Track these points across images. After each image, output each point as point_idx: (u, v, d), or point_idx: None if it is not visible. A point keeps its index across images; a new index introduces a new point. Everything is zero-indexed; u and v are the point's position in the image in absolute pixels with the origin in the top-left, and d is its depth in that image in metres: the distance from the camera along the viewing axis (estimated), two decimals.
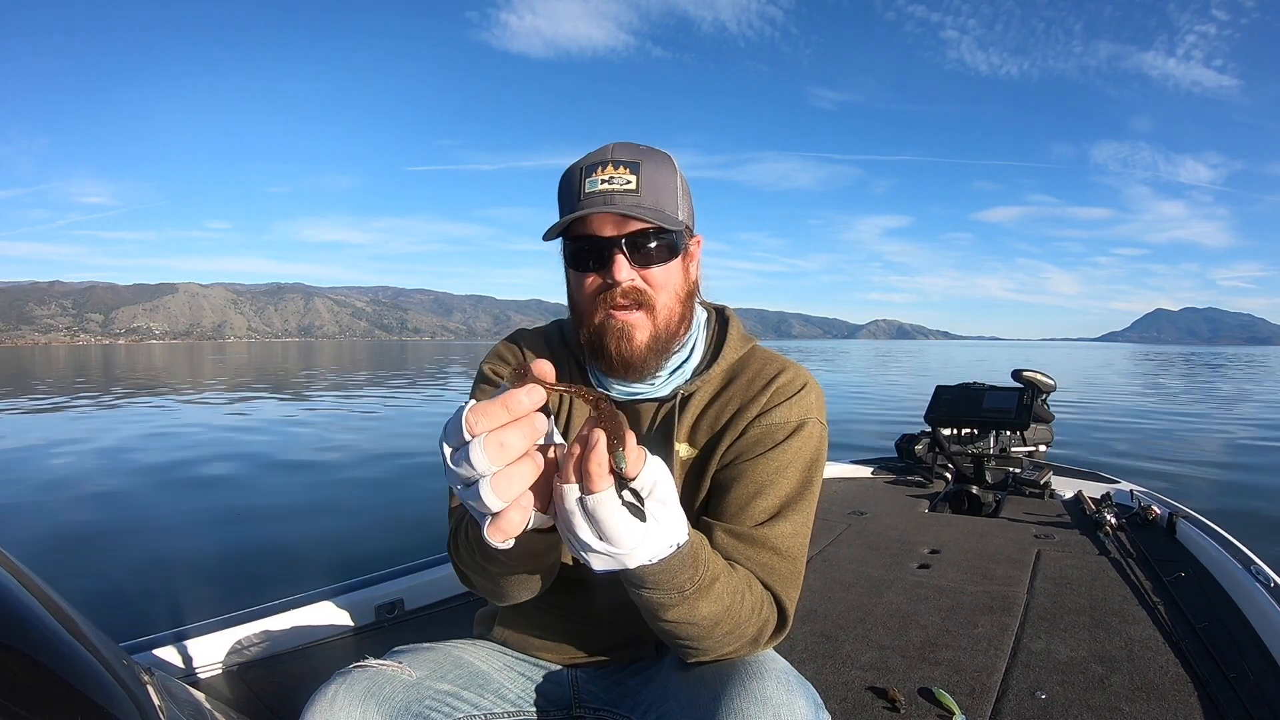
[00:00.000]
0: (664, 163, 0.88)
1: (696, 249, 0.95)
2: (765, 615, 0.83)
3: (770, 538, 0.86)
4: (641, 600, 0.72)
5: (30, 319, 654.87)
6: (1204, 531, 2.43)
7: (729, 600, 0.77)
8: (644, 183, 0.85)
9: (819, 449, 0.94)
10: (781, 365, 0.98)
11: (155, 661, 1.50)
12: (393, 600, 1.91)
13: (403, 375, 26.18)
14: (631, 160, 0.86)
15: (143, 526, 4.97)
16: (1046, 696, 1.49)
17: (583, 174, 0.86)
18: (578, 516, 0.58)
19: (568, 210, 0.87)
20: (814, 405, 0.95)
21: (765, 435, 0.91)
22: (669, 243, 0.87)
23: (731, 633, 0.79)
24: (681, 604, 0.72)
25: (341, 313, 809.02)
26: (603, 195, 0.84)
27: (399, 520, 5.03)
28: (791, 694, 0.75)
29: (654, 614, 0.74)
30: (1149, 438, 9.64)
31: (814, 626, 1.88)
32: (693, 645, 0.80)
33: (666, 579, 0.68)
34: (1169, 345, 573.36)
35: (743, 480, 0.89)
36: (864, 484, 3.74)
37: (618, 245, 0.85)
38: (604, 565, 0.62)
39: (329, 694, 0.79)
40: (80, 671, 0.70)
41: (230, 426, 10.61)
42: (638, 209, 0.83)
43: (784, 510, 0.88)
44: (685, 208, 0.91)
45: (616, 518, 0.58)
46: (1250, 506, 5.53)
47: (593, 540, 0.59)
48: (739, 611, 0.79)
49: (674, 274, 0.89)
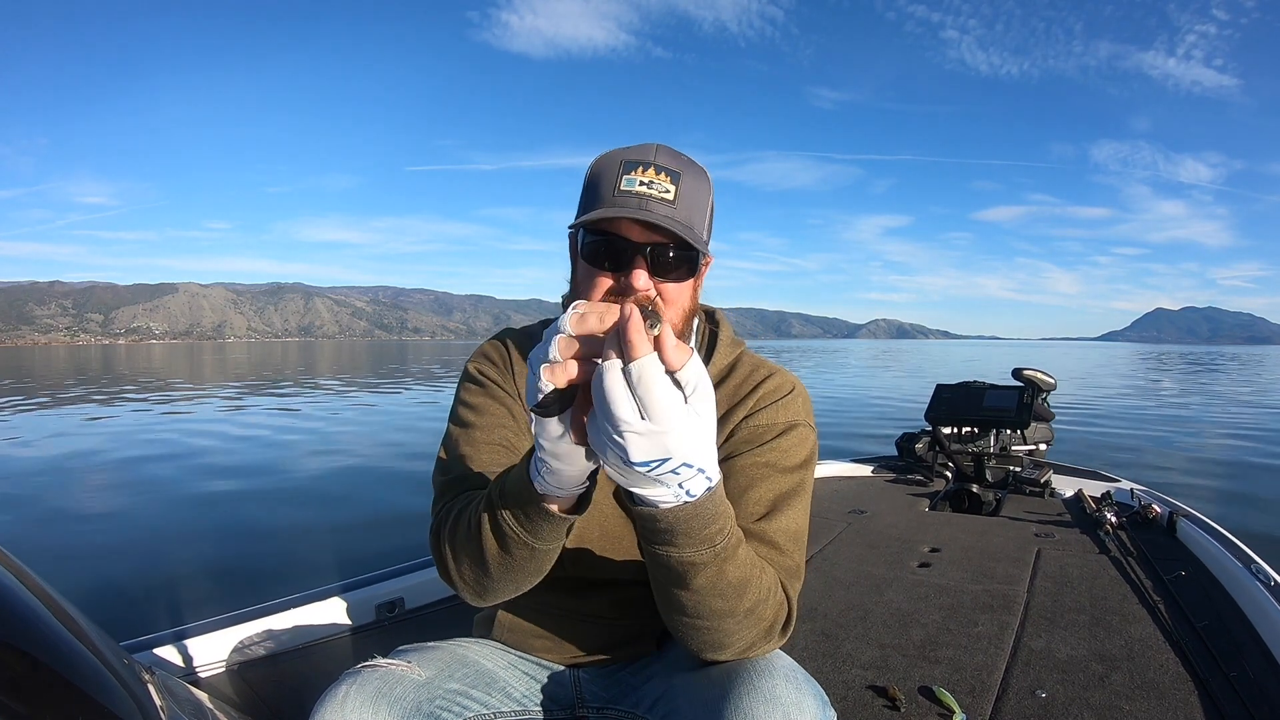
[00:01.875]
0: (702, 179, 0.87)
1: (706, 269, 0.94)
2: (780, 600, 0.81)
3: (768, 532, 0.85)
4: (669, 562, 0.69)
5: (30, 319, 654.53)
6: (1204, 530, 2.43)
7: (750, 570, 0.74)
8: (681, 195, 0.83)
9: (810, 451, 0.93)
10: (769, 370, 0.98)
11: (156, 660, 1.50)
12: (393, 599, 1.91)
13: (401, 375, 26.19)
14: (674, 169, 0.84)
15: (143, 526, 4.97)
16: (1047, 695, 1.49)
17: (622, 168, 0.83)
18: (619, 390, 0.54)
19: (596, 200, 0.84)
20: (802, 409, 0.94)
21: (753, 435, 0.91)
22: (690, 260, 0.86)
23: (753, 612, 0.76)
24: (712, 562, 0.69)
25: (341, 312, 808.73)
26: (638, 198, 0.82)
27: (399, 519, 5.03)
28: (800, 692, 0.74)
29: (682, 580, 0.71)
30: (1148, 437, 9.65)
31: (814, 625, 1.88)
32: (714, 628, 0.76)
33: (700, 525, 0.65)
34: (1169, 345, 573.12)
35: (733, 477, 0.88)
36: (864, 483, 3.74)
37: (642, 252, 0.83)
38: (645, 451, 0.55)
39: (340, 694, 0.78)
40: (81, 670, 0.70)
41: (230, 426, 10.61)
42: (671, 222, 0.81)
43: (779, 505, 0.87)
44: (709, 228, 0.90)
45: (661, 386, 0.54)
46: (1250, 505, 5.53)
47: (633, 418, 0.54)
48: (760, 586, 0.76)
49: (685, 292, 0.88)
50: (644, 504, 0.64)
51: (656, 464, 0.57)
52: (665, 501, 0.63)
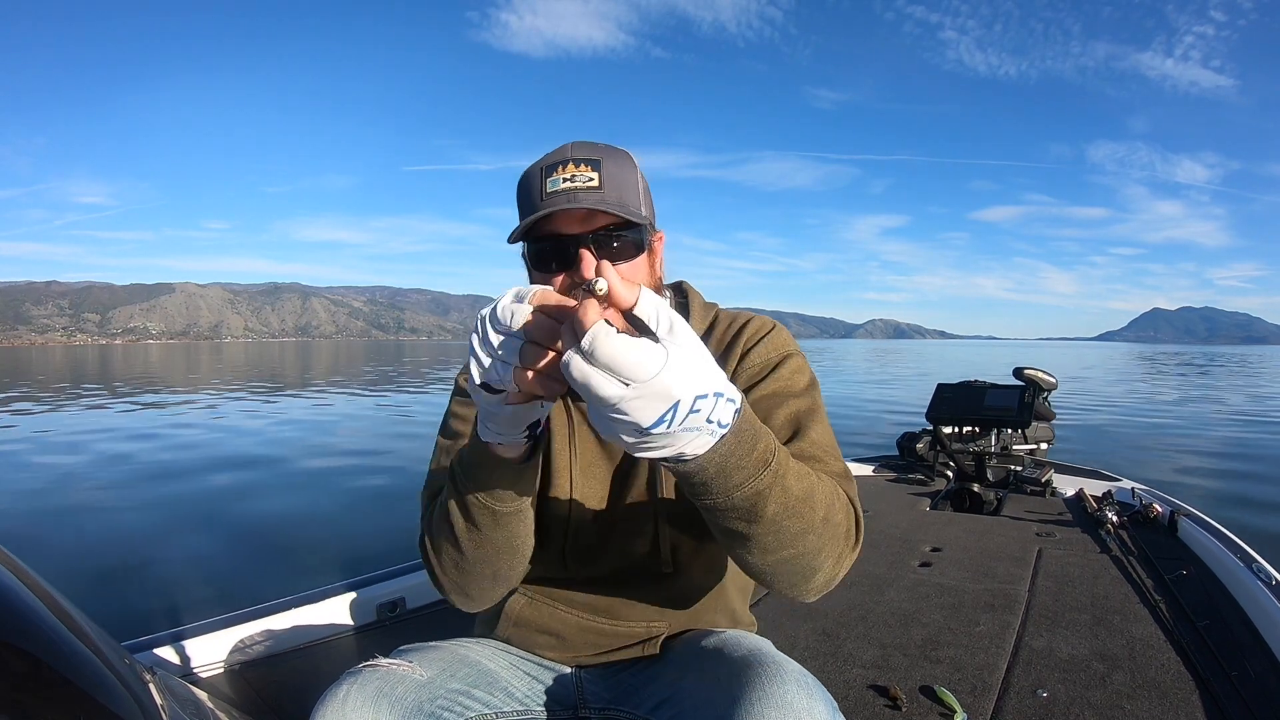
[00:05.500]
0: (624, 160, 0.87)
1: (660, 245, 0.94)
2: (843, 501, 0.77)
3: (803, 449, 0.83)
4: (736, 504, 0.64)
5: (27, 319, 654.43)
6: (1206, 530, 2.43)
7: (808, 479, 0.70)
8: (606, 179, 0.84)
9: (811, 376, 0.95)
10: (746, 317, 1.00)
11: (157, 660, 1.50)
12: (394, 599, 1.91)
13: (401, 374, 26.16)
14: (591, 158, 0.84)
15: (144, 526, 4.97)
16: (1048, 695, 1.49)
17: (543, 174, 0.84)
18: (588, 372, 0.52)
19: (529, 210, 0.84)
20: (789, 340, 0.97)
21: (751, 374, 0.93)
22: (635, 240, 0.86)
23: (829, 520, 0.72)
24: (776, 483, 0.65)
25: (338, 312, 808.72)
26: (565, 194, 0.82)
27: (400, 519, 5.03)
28: (812, 698, 0.73)
29: (753, 515, 0.66)
30: (1147, 437, 9.65)
31: (815, 625, 1.88)
32: (799, 553, 0.71)
33: (747, 450, 0.61)
34: (1166, 345, 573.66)
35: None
36: (865, 482, 3.74)
37: (584, 243, 0.83)
38: (651, 411, 0.53)
39: (340, 694, 0.78)
40: (82, 670, 0.70)
41: (230, 425, 10.61)
42: (602, 203, 0.82)
43: (802, 425, 0.86)
44: (647, 204, 0.89)
45: (617, 344, 0.51)
46: (1251, 504, 5.54)
47: (616, 388, 0.52)
48: (823, 491, 0.72)
49: (640, 271, 0.88)
50: (684, 461, 0.59)
51: (670, 414, 0.53)
52: (703, 445, 0.58)
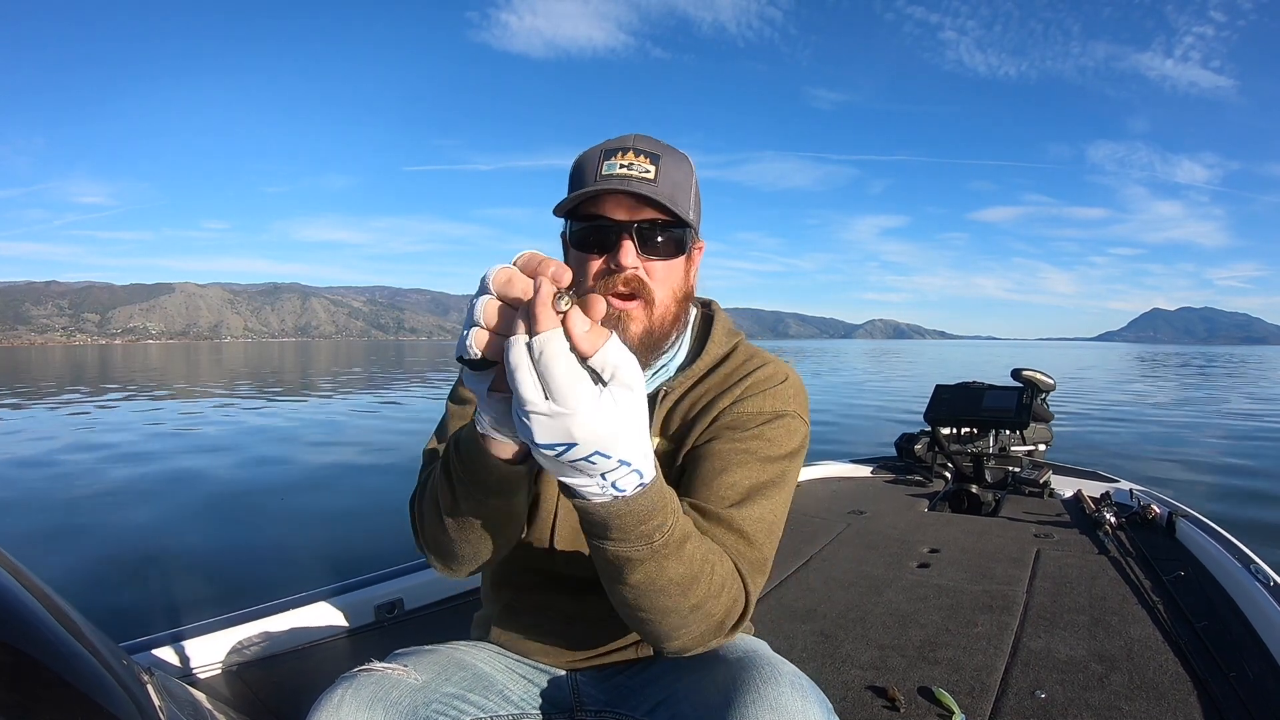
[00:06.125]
0: (683, 161, 0.88)
1: (698, 254, 0.95)
2: (734, 595, 0.78)
3: (737, 519, 0.82)
4: (605, 556, 0.67)
5: (27, 319, 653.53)
6: (1204, 531, 2.44)
7: (699, 567, 0.72)
8: (662, 175, 0.84)
9: (799, 444, 0.91)
10: (764, 360, 0.96)
11: (154, 661, 1.50)
12: (392, 600, 1.91)
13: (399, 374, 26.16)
14: (652, 152, 0.85)
15: (142, 526, 4.96)
16: (1046, 695, 1.49)
17: (602, 156, 0.85)
18: (524, 367, 0.53)
19: (580, 189, 0.85)
20: (793, 399, 0.92)
21: (737, 422, 0.89)
22: (677, 238, 0.87)
23: (700, 608, 0.74)
24: (650, 559, 0.67)
25: (338, 312, 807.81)
26: (620, 179, 0.83)
27: (399, 519, 5.01)
28: (806, 701, 0.74)
29: (619, 574, 0.69)
30: (1147, 437, 9.66)
31: (813, 626, 1.88)
32: (657, 623, 0.74)
33: (633, 522, 0.64)
34: (1165, 345, 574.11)
35: (710, 458, 0.86)
36: (863, 483, 3.74)
37: (628, 230, 0.84)
38: (548, 433, 0.54)
39: (335, 699, 0.78)
40: (80, 671, 0.70)
41: (230, 425, 10.60)
42: (655, 195, 0.83)
43: (755, 494, 0.84)
44: (696, 210, 0.90)
45: (562, 364, 0.52)
46: (1249, 505, 5.54)
47: (537, 397, 0.53)
48: (709, 583, 0.74)
49: (676, 271, 0.89)
50: (574, 495, 0.63)
51: (563, 449, 0.55)
52: (593, 495, 0.62)
